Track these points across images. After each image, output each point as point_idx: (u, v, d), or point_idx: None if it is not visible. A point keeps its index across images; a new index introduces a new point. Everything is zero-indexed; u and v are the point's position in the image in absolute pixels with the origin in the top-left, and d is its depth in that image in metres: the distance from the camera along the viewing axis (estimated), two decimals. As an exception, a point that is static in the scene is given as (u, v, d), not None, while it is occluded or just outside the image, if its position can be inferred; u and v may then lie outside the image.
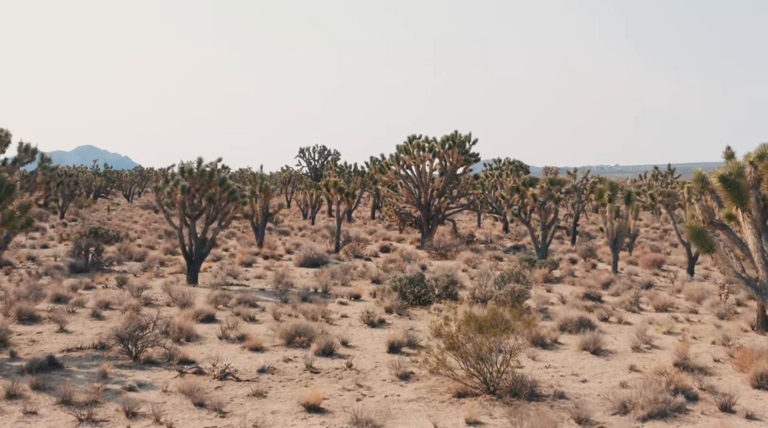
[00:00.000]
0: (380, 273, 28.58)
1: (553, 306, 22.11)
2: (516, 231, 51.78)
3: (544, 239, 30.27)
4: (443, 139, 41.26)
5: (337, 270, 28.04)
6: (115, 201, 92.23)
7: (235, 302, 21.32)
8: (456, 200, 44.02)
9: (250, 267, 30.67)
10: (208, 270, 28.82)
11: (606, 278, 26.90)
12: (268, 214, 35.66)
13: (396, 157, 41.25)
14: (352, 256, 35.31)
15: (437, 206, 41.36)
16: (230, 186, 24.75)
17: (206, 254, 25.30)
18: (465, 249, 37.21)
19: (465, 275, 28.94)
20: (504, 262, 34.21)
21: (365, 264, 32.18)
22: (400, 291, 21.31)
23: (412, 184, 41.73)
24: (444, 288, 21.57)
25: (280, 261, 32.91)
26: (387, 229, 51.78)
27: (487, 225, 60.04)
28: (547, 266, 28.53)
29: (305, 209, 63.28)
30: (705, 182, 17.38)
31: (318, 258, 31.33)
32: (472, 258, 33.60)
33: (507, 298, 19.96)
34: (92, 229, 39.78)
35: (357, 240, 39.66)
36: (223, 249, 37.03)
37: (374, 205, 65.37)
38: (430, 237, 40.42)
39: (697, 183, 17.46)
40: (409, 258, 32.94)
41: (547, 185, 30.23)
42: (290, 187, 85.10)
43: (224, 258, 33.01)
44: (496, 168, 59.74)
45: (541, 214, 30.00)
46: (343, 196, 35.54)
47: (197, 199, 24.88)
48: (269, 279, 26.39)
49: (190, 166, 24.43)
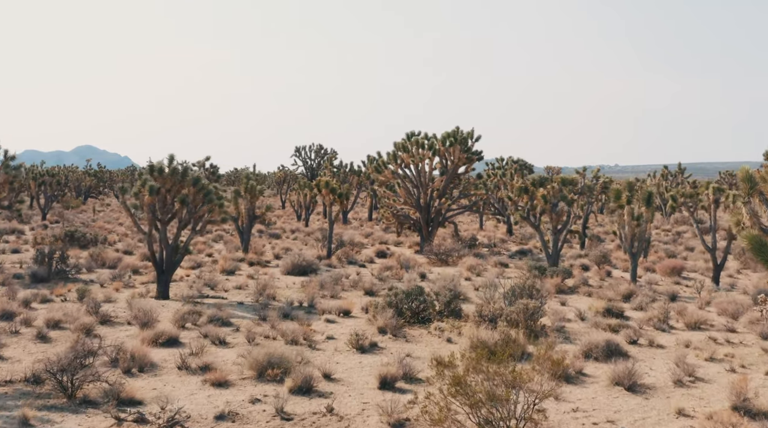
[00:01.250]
0: (375, 283, 25.81)
1: (570, 324, 19.37)
2: (521, 233, 48.99)
3: (555, 244, 27.48)
4: (444, 136, 38.46)
5: (327, 280, 25.28)
6: (106, 201, 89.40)
7: (206, 320, 18.56)
8: (457, 201, 41.25)
9: (233, 275, 27.91)
10: (184, 280, 26.07)
11: (626, 289, 24.10)
12: (254, 216, 32.88)
13: (393, 155, 38.46)
14: (346, 262, 32.55)
15: (437, 208, 38.58)
16: (205, 186, 21.96)
17: (178, 262, 22.54)
18: (467, 254, 34.44)
19: (468, 285, 26.18)
20: (510, 269, 31.45)
21: (359, 271, 29.41)
22: (396, 307, 18.53)
23: (411, 183, 38.94)
24: (446, 303, 18.77)
25: (267, 268, 30.12)
26: (384, 232, 49.01)
27: (490, 227, 57.25)
28: (559, 275, 25.77)
29: (299, 210, 60.51)
30: (753, 182, 14.68)
31: (307, 266, 28.56)
32: (475, 264, 30.83)
33: (519, 317, 17.18)
34: (68, 232, 37.08)
35: (351, 245, 36.88)
36: (206, 254, 34.26)
37: (372, 206, 62.58)
38: (430, 241, 37.64)
39: (745, 183, 14.75)
40: (407, 266, 30.17)
41: (558, 185, 27.45)
42: (285, 187, 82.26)
43: (206, 264, 30.22)
44: (498, 167, 56.90)
45: (551, 216, 27.23)
46: (336, 197, 32.76)
47: (169, 200, 22.11)
48: (250, 291, 23.61)
49: (160, 164, 21.64)
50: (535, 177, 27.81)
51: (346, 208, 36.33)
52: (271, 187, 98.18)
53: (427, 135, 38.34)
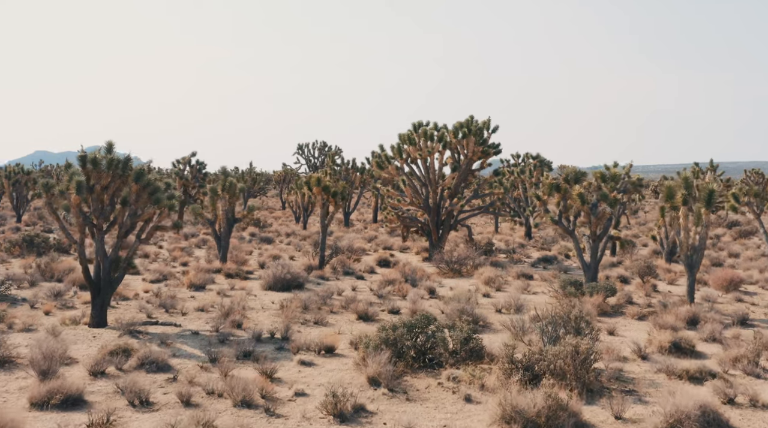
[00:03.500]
0: (372, 303, 20.96)
1: (629, 366, 14.42)
2: (541, 237, 43.94)
3: (594, 254, 22.44)
4: (456, 127, 33.46)
5: (313, 299, 20.41)
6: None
7: (136, 362, 13.66)
8: (471, 201, 36.24)
9: (202, 290, 23.01)
10: (137, 298, 21.21)
11: (687, 312, 19.09)
12: (234, 220, 27.95)
13: (398, 149, 33.48)
14: (341, 273, 27.63)
15: (448, 209, 33.57)
16: (150, 183, 17.03)
17: (119, 280, 17.63)
18: (483, 262, 29.48)
19: (488, 304, 21.24)
20: (536, 282, 26.47)
21: (355, 285, 24.45)
22: (395, 345, 13.58)
23: (418, 181, 33.96)
24: (463, 341, 13.77)
25: (246, 281, 25.20)
26: (390, 235, 44.08)
27: (506, 229, 52.24)
28: (600, 292, 20.78)
29: (297, 212, 55.67)
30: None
31: (292, 279, 23.64)
32: (493, 276, 25.86)
33: (567, 364, 12.21)
34: (26, 238, 32.32)
35: (349, 252, 31.95)
36: (181, 263, 29.39)
37: (376, 207, 57.59)
38: (440, 246, 32.68)
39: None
40: (413, 279, 25.21)
41: (598, 181, 22.43)
42: (286, 186, 77.45)
43: (173, 277, 25.31)
44: (514, 164, 51.78)
45: (590, 219, 22.22)
46: (330, 197, 27.83)
47: (106, 201, 17.21)
48: (214, 314, 18.73)
49: (94, 155, 16.74)
50: (569, 171, 22.80)
51: (341, 208, 31.21)
52: (275, 187, 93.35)
53: (437, 125, 33.35)
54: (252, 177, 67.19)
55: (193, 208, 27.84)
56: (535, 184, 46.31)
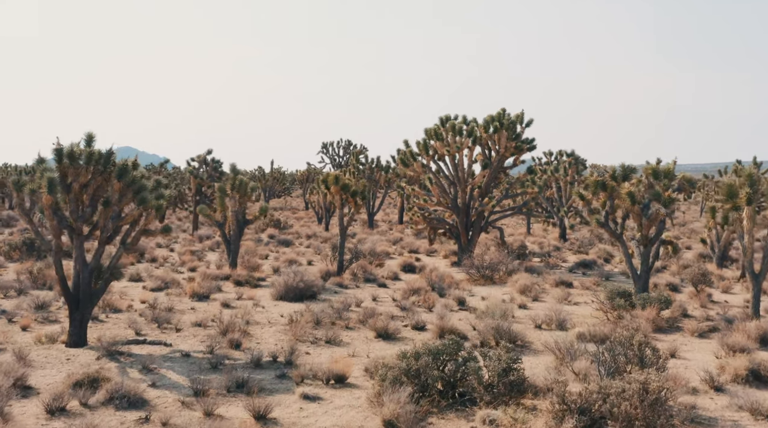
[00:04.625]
0: (395, 316, 18.53)
1: (702, 401, 11.85)
2: (577, 239, 41.19)
3: (645, 261, 19.78)
4: (486, 121, 30.88)
5: (327, 312, 18.00)
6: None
7: (105, 396, 11.31)
8: (502, 201, 33.65)
9: (205, 300, 20.70)
10: (129, 310, 18.94)
11: (758, 329, 16.43)
12: (244, 222, 25.61)
13: (424, 145, 30.96)
14: (362, 280, 25.20)
15: (479, 209, 31.03)
16: (135, 180, 14.69)
17: (100, 292, 15.32)
18: (517, 268, 26.92)
19: (525, 316, 18.71)
20: (576, 290, 23.89)
21: (376, 294, 22.00)
22: (418, 377, 11.13)
23: (446, 180, 31.44)
24: (501, 372, 11.24)
25: (256, 289, 22.87)
26: (416, 237, 41.58)
27: (538, 231, 49.52)
28: (654, 304, 18.17)
29: (320, 212, 53.37)
30: None
31: (306, 288, 21.24)
32: (529, 283, 23.33)
33: (634, 405, 9.67)
34: (26, 241, 30.25)
35: (372, 256, 29.52)
36: (189, 268, 27.10)
37: (402, 207, 55.09)
38: (470, 250, 30.14)
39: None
40: (441, 287, 22.74)
41: (650, 178, 19.81)
42: (309, 186, 75.21)
43: (177, 284, 23.01)
44: (546, 162, 49.02)
45: (640, 222, 19.59)
46: (349, 196, 25.40)
47: (86, 201, 14.92)
48: (212, 330, 16.37)
49: (71, 149, 14.45)
50: (615, 167, 20.18)
51: (362, 209, 28.70)
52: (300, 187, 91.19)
53: (466, 119, 30.79)
54: (273, 176, 64.96)
55: (201, 208, 25.60)
56: (570, 183, 43.66)
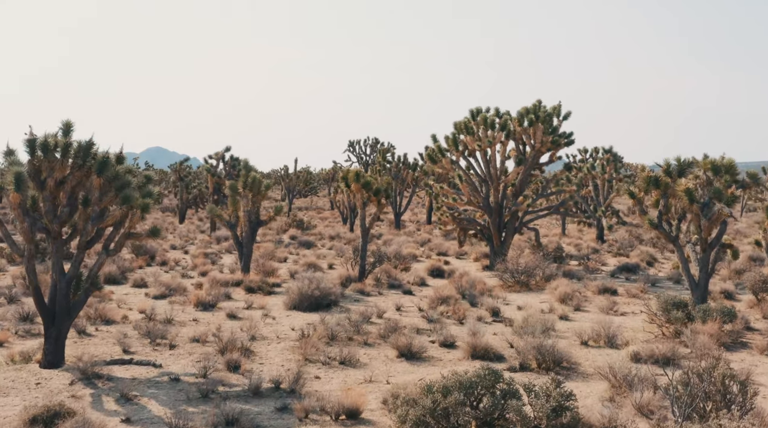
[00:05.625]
0: (421, 329, 16.40)
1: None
2: (616, 240, 38.67)
3: (704, 267, 17.42)
4: (521, 113, 28.59)
5: (344, 325, 15.89)
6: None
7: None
8: (538, 200, 31.32)
9: (210, 309, 18.68)
10: (124, 322, 16.94)
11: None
12: (258, 223, 23.56)
13: (453, 140, 28.73)
14: (385, 285, 23.07)
15: (513, 209, 28.75)
16: (118, 176, 12.65)
17: (80, 305, 13.30)
18: (556, 273, 24.64)
19: (568, 329, 16.47)
20: (622, 298, 21.59)
21: (401, 303, 19.80)
22: (446, 418, 8.96)
23: (477, 177, 29.20)
24: (551, 414, 9.00)
25: (269, 297, 20.86)
26: (445, 238, 39.35)
27: (573, 231, 47.04)
28: (716, 317, 15.84)
29: (344, 212, 51.35)
30: None
31: (322, 296, 19.15)
32: (569, 291, 21.07)
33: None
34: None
35: (397, 259, 27.36)
36: (200, 273, 25.13)
37: (430, 207, 52.85)
38: (503, 253, 27.89)
39: None
40: (472, 295, 20.54)
41: (709, 174, 17.44)
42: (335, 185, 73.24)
43: (183, 292, 21.02)
44: (581, 160, 46.51)
45: (699, 223, 17.26)
46: (371, 195, 23.27)
47: (62, 200, 12.92)
48: (208, 350, 14.30)
49: (45, 139, 12.45)
50: (670, 161, 17.84)
51: (385, 208, 26.46)
52: (321, 185, 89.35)
53: (499, 111, 28.52)
54: (297, 175, 63.04)
55: (210, 208, 23.66)
56: (608, 181, 41.24)
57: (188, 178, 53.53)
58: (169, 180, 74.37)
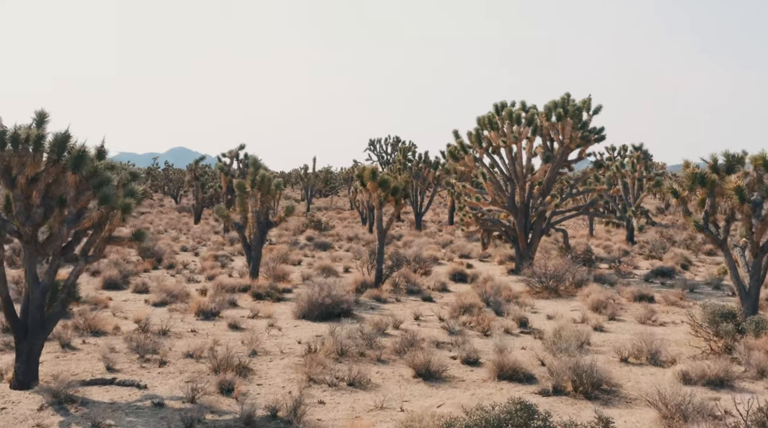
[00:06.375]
0: (440, 343, 14.80)
1: None
2: (646, 241, 36.82)
3: (755, 273, 15.70)
4: (548, 107, 26.93)
5: (355, 337, 14.32)
6: (163, 202, 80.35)
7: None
8: (566, 200, 29.59)
9: (212, 318, 17.18)
10: (115, 333, 15.46)
11: None
12: (267, 224, 22.05)
13: (476, 136, 27.10)
14: (404, 291, 21.51)
15: (540, 209, 27.07)
16: (96, 172, 11.16)
17: (55, 318, 11.81)
18: (586, 278, 22.93)
19: (603, 343, 14.81)
20: (660, 306, 19.88)
21: (419, 311, 18.16)
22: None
23: (502, 175, 27.56)
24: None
25: (278, 304, 19.36)
26: (467, 240, 37.71)
27: (600, 232, 45.21)
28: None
29: (364, 212, 49.85)
30: None
31: (333, 304, 17.58)
32: (603, 298, 19.39)
33: None
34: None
35: (416, 262, 25.77)
36: (208, 276, 23.67)
37: (452, 207, 51.19)
38: (530, 256, 26.24)
39: None
40: (497, 303, 18.91)
41: (760, 170, 15.70)
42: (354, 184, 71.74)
43: (185, 299, 19.50)
44: (608, 158, 44.64)
45: (750, 224, 15.54)
46: (388, 195, 21.70)
47: (36, 200, 11.47)
48: (201, 368, 12.77)
49: (15, 131, 10.97)
50: (716, 157, 16.12)
51: (404, 208, 24.63)
52: (341, 184, 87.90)
53: (525, 105, 26.84)
54: (315, 174, 61.59)
55: (217, 208, 22.17)
56: (638, 180, 39.40)
57: (204, 178, 52.22)
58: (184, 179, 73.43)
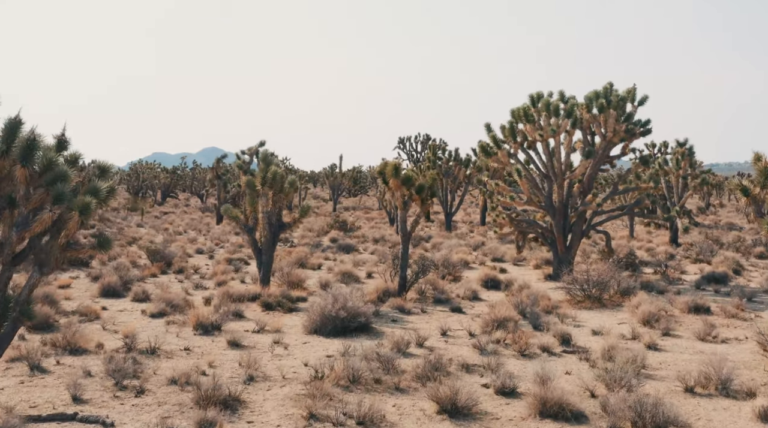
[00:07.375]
0: (470, 367, 12.65)
1: None
2: (692, 244, 34.31)
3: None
4: (589, 98, 24.65)
5: (372, 359, 12.23)
6: (188, 201, 78.90)
7: None
8: (609, 199, 27.25)
9: (212, 333, 15.19)
10: (98, 352, 13.50)
11: None
12: (279, 226, 20.05)
13: (510, 129, 24.88)
14: (430, 300, 19.42)
15: (580, 209, 24.80)
16: (50, 165, 9.19)
17: (7, 339, 9.86)
18: (633, 285, 20.64)
19: (660, 365, 12.58)
20: (719, 319, 17.53)
21: (447, 325, 15.96)
22: None
23: (538, 172, 25.32)
24: None
25: (289, 315, 17.35)
26: (500, 242, 35.46)
27: (641, 233, 42.69)
28: None
29: (392, 212, 47.78)
30: None
31: (350, 318, 15.49)
32: (654, 310, 17.12)
33: None
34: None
35: (445, 267, 23.63)
36: (217, 283, 21.74)
37: (484, 206, 48.91)
38: (569, 260, 24.00)
39: None
40: (534, 314, 16.73)
41: None
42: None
43: (187, 308, 17.59)
44: (649, 155, 42.04)
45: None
46: (414, 193, 19.61)
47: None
48: (183, 399, 10.75)
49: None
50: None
51: (431, 207, 22.45)
52: (369, 184, 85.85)
53: (564, 95, 24.57)
54: (342, 173, 59.61)
55: (225, 208, 20.20)
56: (682, 177, 36.92)
57: (226, 176, 50.47)
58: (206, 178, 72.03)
